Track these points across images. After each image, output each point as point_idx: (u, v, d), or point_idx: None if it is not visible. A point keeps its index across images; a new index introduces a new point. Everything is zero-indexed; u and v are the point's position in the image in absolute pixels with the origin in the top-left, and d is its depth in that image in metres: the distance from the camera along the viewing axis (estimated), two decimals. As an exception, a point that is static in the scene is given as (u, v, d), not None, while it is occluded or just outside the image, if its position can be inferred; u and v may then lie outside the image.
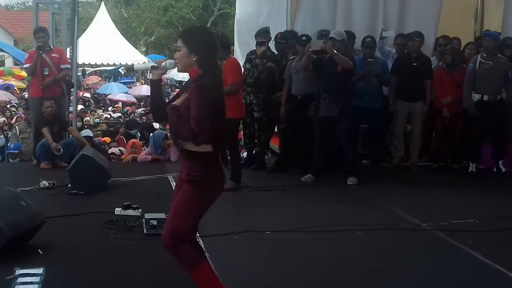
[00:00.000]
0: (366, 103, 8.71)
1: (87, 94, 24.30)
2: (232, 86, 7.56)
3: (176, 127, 3.89)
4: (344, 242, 5.80)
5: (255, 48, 8.84)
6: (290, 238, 5.92)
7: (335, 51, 7.93)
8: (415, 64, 9.06)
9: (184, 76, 29.73)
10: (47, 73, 9.50)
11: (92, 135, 11.65)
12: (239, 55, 10.54)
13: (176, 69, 4.05)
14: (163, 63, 4.06)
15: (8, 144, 11.63)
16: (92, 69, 30.50)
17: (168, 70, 4.15)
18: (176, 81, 28.86)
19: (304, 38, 8.86)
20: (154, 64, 4.07)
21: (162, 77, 4.21)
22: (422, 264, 5.23)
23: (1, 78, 27.00)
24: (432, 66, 9.28)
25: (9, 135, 12.78)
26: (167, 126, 9.43)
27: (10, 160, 10.80)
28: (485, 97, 8.67)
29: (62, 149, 9.17)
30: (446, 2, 10.24)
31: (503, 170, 9.04)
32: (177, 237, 3.94)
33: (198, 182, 3.90)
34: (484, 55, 8.73)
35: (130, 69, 4.84)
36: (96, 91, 25.46)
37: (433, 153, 9.59)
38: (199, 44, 3.89)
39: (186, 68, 3.93)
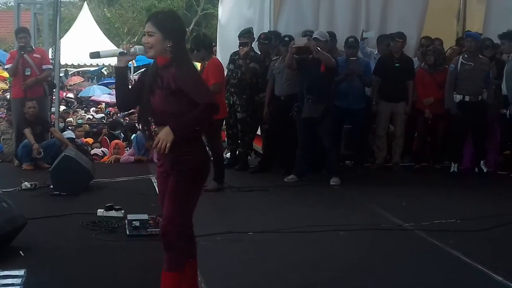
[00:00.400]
0: (349, 104, 8.74)
1: (71, 95, 24.17)
2: (214, 86, 7.56)
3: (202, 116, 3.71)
4: (327, 243, 5.81)
5: (238, 49, 8.85)
6: (273, 238, 5.92)
7: (319, 48, 7.95)
8: (398, 65, 9.10)
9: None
10: (29, 73, 9.46)
11: (74, 137, 11.60)
12: (221, 56, 10.51)
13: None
14: (132, 49, 3.85)
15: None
16: (74, 70, 30.32)
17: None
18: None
19: (286, 38, 8.86)
20: (122, 50, 3.86)
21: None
22: (405, 264, 5.26)
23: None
24: (414, 67, 9.33)
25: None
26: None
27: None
28: (467, 98, 8.73)
29: (42, 152, 9.13)
30: (428, 2, 10.30)
31: (485, 170, 9.10)
32: (181, 228, 3.80)
33: (192, 164, 3.76)
34: (466, 56, 8.79)
35: (96, 56, 4.74)
36: (79, 95, 25.30)
37: (415, 153, 9.65)
38: (174, 29, 3.76)
39: (159, 54, 3.77)
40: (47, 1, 11.14)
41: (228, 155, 9.71)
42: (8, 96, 18.39)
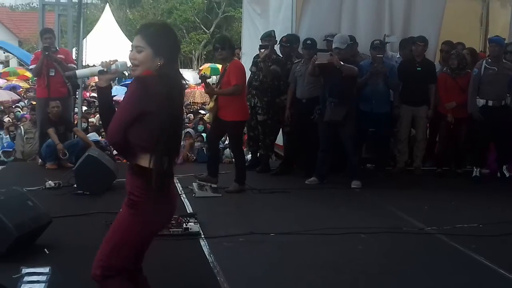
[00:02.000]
0: (373, 107, 8.73)
1: (94, 94, 24.33)
2: (235, 88, 7.61)
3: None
4: (348, 245, 5.82)
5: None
6: (295, 240, 5.94)
7: (342, 63, 7.94)
8: (419, 68, 9.07)
9: (190, 78, 29.70)
10: (53, 74, 9.53)
11: (99, 139, 11.69)
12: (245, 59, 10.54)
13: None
14: (113, 66, 3.38)
15: (2, 144, 11.65)
16: (96, 71, 30.52)
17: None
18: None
19: (308, 41, 8.88)
20: (102, 69, 3.38)
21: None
22: (426, 268, 5.24)
23: (6, 79, 27.03)
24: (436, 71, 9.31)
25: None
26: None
27: (5, 159, 10.80)
28: (490, 103, 8.69)
29: (67, 154, 9.23)
30: (451, 7, 10.24)
31: (507, 175, 9.05)
32: (105, 271, 3.29)
33: (140, 204, 3.25)
34: (489, 60, 8.76)
35: (72, 76, 4.64)
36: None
37: (437, 157, 9.62)
38: (167, 45, 3.33)
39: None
40: (71, 2, 11.24)
41: (249, 157, 9.74)
42: (32, 95, 18.57)
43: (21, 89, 24.91)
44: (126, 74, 30.28)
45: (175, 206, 3.49)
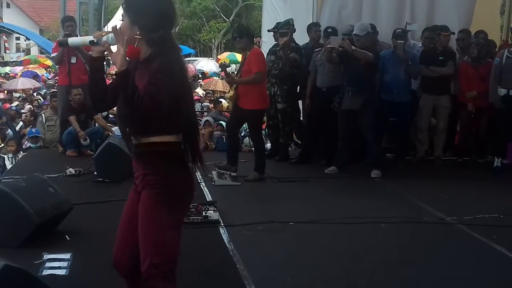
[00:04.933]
0: (394, 97, 8.68)
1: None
2: (257, 75, 7.62)
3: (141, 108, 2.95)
4: (368, 234, 5.81)
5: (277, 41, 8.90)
6: (314, 229, 5.95)
7: (353, 47, 7.91)
8: (441, 58, 9.00)
9: (212, 67, 29.57)
10: (74, 61, 9.55)
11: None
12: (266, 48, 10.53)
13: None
14: (104, 38, 3.16)
15: (30, 129, 11.75)
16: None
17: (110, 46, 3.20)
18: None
19: (329, 30, 8.85)
20: (92, 39, 3.18)
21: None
22: (447, 258, 5.23)
23: (28, 68, 27.24)
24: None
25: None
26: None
27: (31, 145, 10.89)
28: (511, 92, 8.61)
29: (88, 139, 9.29)
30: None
31: (528, 166, 8.97)
32: (165, 269, 3.12)
33: (160, 186, 3.09)
34: (511, 49, 8.66)
35: (64, 43, 4.53)
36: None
37: (457, 147, 9.55)
38: (143, 11, 3.04)
39: (128, 43, 3.05)
40: (93, -11, 11.29)
41: (269, 145, 9.74)
42: (52, 83, 18.70)
43: (42, 76, 25.08)
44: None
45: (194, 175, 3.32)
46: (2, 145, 11.22)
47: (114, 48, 3.11)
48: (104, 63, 3.22)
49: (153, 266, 3.07)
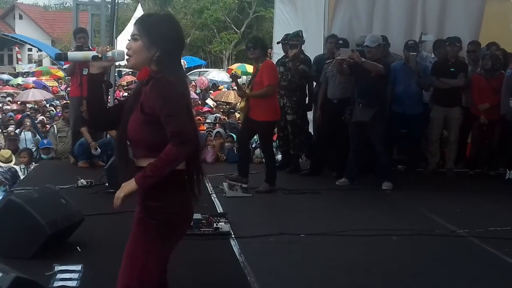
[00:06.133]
0: (405, 109, 8.68)
1: (126, 94, 24.62)
2: (268, 88, 7.63)
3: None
4: (379, 247, 5.79)
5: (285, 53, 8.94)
6: (325, 241, 5.92)
7: (363, 59, 7.91)
8: (453, 69, 8.99)
9: (224, 77, 29.60)
10: (86, 73, 9.61)
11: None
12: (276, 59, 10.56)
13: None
14: (109, 53, 3.15)
15: (41, 140, 11.82)
16: (128, 70, 30.85)
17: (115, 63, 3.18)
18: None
19: (341, 41, 8.86)
20: (96, 54, 3.14)
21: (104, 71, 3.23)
22: (459, 271, 5.20)
23: (39, 79, 27.40)
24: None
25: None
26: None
27: (43, 156, 10.94)
28: (524, 104, 8.58)
29: (99, 149, 9.32)
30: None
31: (541, 178, 8.91)
32: None
33: (160, 214, 3.07)
34: (524, 61, 8.65)
35: (63, 57, 4.42)
36: (131, 94, 25.74)
37: (469, 159, 9.52)
38: (165, 35, 3.06)
39: (141, 65, 3.08)
40: (105, 1, 11.36)
41: (280, 157, 9.73)
42: (63, 94, 18.83)
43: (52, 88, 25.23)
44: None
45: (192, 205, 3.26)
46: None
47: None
48: (116, 74, 3.23)
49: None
